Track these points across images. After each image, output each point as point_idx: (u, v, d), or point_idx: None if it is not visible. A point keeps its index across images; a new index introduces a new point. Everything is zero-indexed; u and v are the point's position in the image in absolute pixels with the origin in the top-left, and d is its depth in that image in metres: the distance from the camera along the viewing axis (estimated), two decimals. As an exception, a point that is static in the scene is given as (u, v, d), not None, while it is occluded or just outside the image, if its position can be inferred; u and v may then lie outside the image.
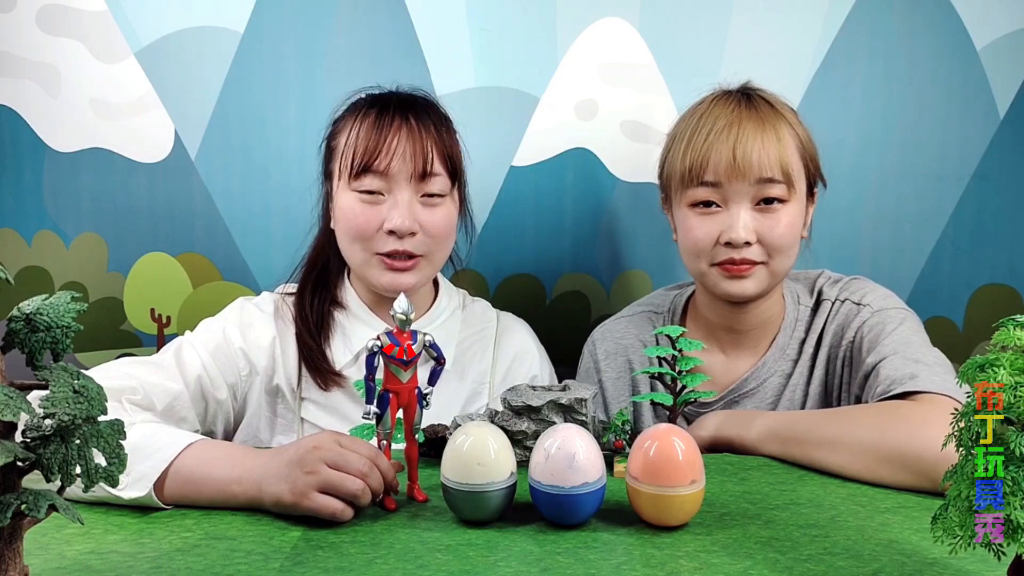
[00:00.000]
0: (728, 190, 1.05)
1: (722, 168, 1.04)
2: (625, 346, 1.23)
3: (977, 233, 1.42)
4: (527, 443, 0.95)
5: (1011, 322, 0.59)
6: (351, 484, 0.80)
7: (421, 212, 1.09)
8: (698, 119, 1.08)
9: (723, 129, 1.04)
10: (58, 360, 0.58)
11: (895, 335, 1.05)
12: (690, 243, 1.09)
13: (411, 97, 1.13)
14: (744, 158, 1.03)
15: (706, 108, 1.09)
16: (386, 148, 1.06)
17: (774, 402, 1.16)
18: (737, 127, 1.04)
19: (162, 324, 1.46)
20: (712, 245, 1.06)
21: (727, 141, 1.03)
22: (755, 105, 1.07)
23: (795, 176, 1.06)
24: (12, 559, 0.57)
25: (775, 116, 1.07)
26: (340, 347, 1.14)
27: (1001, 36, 1.38)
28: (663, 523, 0.79)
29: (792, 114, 1.11)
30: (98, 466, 0.58)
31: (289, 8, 1.40)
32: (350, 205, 1.09)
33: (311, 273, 1.18)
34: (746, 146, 1.03)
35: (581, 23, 1.40)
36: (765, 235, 1.05)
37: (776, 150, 1.04)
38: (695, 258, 1.10)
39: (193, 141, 1.42)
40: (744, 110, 1.06)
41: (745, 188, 1.04)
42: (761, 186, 1.04)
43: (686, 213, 1.09)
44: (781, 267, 1.08)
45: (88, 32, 1.40)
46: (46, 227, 1.45)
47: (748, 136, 1.03)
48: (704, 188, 1.06)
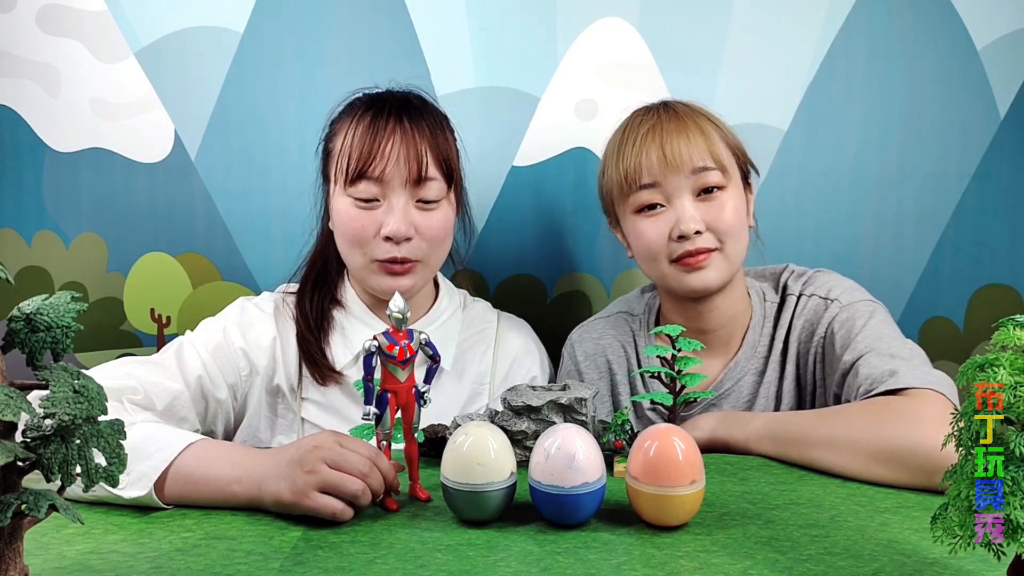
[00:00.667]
0: (667, 187, 1.08)
1: (656, 167, 1.08)
2: (603, 347, 1.24)
3: (977, 233, 1.42)
4: (527, 443, 0.95)
5: (1011, 322, 0.59)
6: (351, 484, 0.80)
7: (417, 216, 1.09)
8: (623, 133, 1.13)
9: (647, 133, 1.09)
10: (58, 360, 0.58)
11: (867, 330, 1.07)
12: (644, 247, 1.11)
13: (406, 99, 1.13)
14: (673, 153, 1.07)
15: (627, 122, 1.14)
16: (380, 154, 1.06)
17: (750, 401, 1.16)
18: (661, 128, 1.09)
19: (162, 324, 1.46)
20: (665, 243, 1.09)
21: (655, 142, 1.08)
22: (673, 108, 1.13)
23: (727, 163, 1.10)
24: (12, 559, 0.57)
25: (693, 114, 1.12)
26: (340, 347, 1.14)
27: (1001, 36, 1.38)
28: (663, 523, 0.79)
29: (711, 114, 1.15)
30: (98, 466, 0.58)
31: (289, 8, 1.40)
32: (346, 210, 1.09)
33: (311, 273, 1.18)
34: (673, 142, 1.07)
35: (581, 23, 1.40)
36: (712, 222, 1.08)
37: (702, 140, 1.08)
38: (653, 261, 1.12)
39: (193, 141, 1.42)
40: (663, 114, 1.11)
41: (683, 181, 1.08)
42: (697, 176, 1.08)
43: (633, 221, 1.12)
44: (735, 252, 1.10)
45: (88, 32, 1.40)
46: (46, 227, 1.45)
47: (672, 134, 1.08)
48: (645, 191, 1.09)
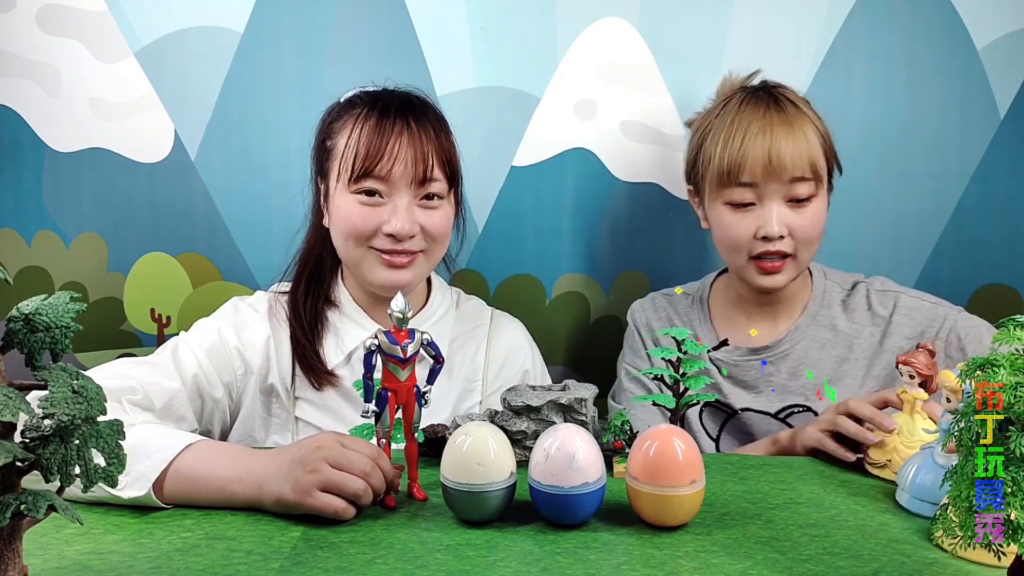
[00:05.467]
0: (764, 189, 1.13)
1: (759, 170, 1.12)
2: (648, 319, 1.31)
3: (977, 233, 1.42)
4: (527, 443, 0.95)
5: (1011, 322, 0.59)
6: (353, 484, 0.80)
7: (420, 215, 1.09)
8: (731, 121, 1.15)
9: (757, 133, 1.12)
10: (57, 360, 0.58)
11: None
12: (730, 240, 1.17)
13: (410, 99, 1.13)
14: (778, 160, 1.11)
15: (736, 110, 1.16)
16: (388, 153, 1.06)
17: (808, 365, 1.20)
18: (770, 131, 1.12)
19: (162, 324, 1.46)
20: (749, 240, 1.15)
21: (762, 145, 1.12)
22: (782, 106, 1.15)
23: (821, 171, 1.15)
24: (11, 559, 0.57)
25: (801, 116, 1.15)
26: (332, 347, 1.14)
27: (1001, 36, 1.38)
28: (663, 523, 0.79)
29: (811, 108, 1.19)
30: (97, 466, 0.58)
31: (289, 8, 1.40)
32: (348, 207, 1.08)
33: (303, 272, 1.18)
34: (780, 149, 1.11)
35: (581, 23, 1.40)
36: (796, 229, 1.14)
37: (806, 150, 1.12)
38: (734, 253, 1.18)
39: (193, 141, 1.42)
40: (774, 113, 1.14)
41: (779, 187, 1.13)
42: (793, 184, 1.13)
43: (722, 211, 1.17)
44: (807, 257, 1.18)
45: (88, 32, 1.40)
46: (46, 227, 1.45)
47: (781, 139, 1.12)
48: (741, 189, 1.14)
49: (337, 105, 1.15)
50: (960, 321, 1.18)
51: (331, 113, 1.15)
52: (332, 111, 1.15)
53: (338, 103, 1.15)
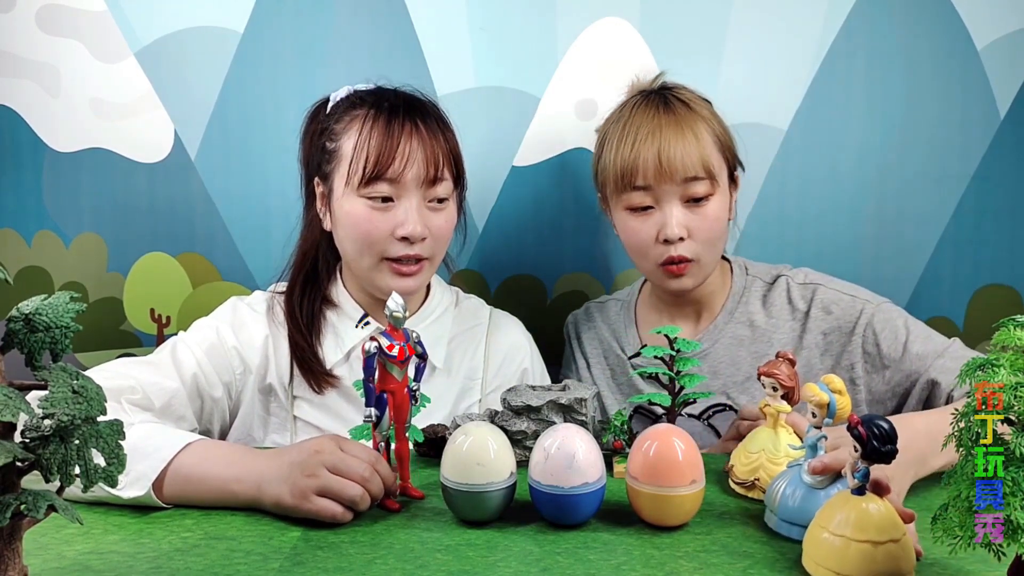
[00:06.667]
0: (659, 192, 1.13)
1: (651, 172, 1.12)
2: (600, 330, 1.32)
3: (977, 233, 1.42)
4: (527, 443, 0.95)
5: (1011, 322, 0.59)
6: (351, 489, 0.80)
7: (428, 216, 1.09)
8: (623, 126, 1.16)
9: (647, 136, 1.12)
10: (57, 360, 0.58)
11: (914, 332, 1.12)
12: (634, 245, 1.18)
13: (415, 98, 1.13)
14: (668, 162, 1.11)
15: (628, 114, 1.17)
16: (400, 155, 1.06)
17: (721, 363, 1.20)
18: (659, 132, 1.12)
19: (162, 324, 1.46)
20: (652, 244, 1.15)
21: (652, 147, 1.12)
22: (672, 108, 1.15)
23: (716, 170, 1.14)
24: (11, 559, 0.57)
25: (692, 116, 1.14)
26: (332, 346, 1.14)
27: (1001, 36, 1.38)
28: (663, 523, 0.79)
29: (707, 109, 1.18)
30: (97, 466, 0.58)
31: (289, 8, 1.40)
32: (358, 211, 1.07)
33: (300, 272, 1.17)
34: (670, 150, 1.11)
35: (581, 23, 1.40)
36: (695, 230, 1.13)
37: (696, 150, 1.12)
38: (641, 258, 1.19)
39: (193, 141, 1.42)
40: (663, 115, 1.14)
41: (673, 188, 1.12)
42: (687, 185, 1.12)
43: (624, 216, 1.17)
44: (712, 258, 1.17)
45: (88, 32, 1.40)
46: (46, 227, 1.45)
47: (670, 140, 1.12)
48: (637, 192, 1.14)
49: (330, 104, 1.14)
50: (877, 315, 1.14)
51: (325, 113, 1.14)
52: (331, 111, 1.13)
53: (330, 103, 1.14)
